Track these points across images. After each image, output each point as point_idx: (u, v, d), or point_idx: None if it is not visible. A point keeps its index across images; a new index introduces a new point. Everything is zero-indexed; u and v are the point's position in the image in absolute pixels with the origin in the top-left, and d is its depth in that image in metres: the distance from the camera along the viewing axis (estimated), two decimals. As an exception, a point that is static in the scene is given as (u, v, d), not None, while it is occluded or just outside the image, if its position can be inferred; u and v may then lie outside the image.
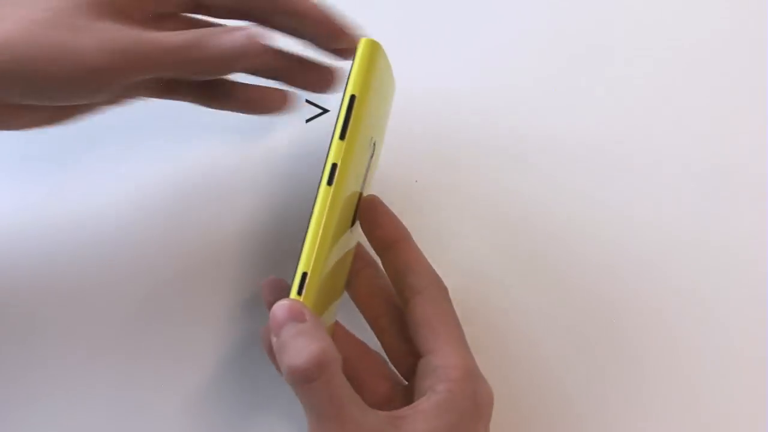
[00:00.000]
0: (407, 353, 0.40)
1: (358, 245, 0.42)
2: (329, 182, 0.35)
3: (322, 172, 0.36)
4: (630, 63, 0.54)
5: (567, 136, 0.52)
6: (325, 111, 0.47)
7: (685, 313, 0.48)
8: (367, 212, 0.39)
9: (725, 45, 0.54)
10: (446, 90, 0.52)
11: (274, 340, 0.34)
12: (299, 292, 0.35)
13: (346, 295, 0.44)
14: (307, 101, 0.47)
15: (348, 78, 0.36)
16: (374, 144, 0.41)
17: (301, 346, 0.33)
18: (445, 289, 0.39)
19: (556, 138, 0.52)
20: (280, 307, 0.34)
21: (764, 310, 0.48)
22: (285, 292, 0.37)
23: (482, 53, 0.53)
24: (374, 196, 0.40)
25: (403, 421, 0.35)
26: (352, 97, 0.36)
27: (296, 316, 0.34)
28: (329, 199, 0.35)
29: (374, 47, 0.37)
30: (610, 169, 0.51)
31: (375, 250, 0.40)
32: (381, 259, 0.40)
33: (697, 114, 0.53)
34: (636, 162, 0.51)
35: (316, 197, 0.36)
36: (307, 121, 0.46)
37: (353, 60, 0.36)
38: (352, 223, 0.40)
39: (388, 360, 0.42)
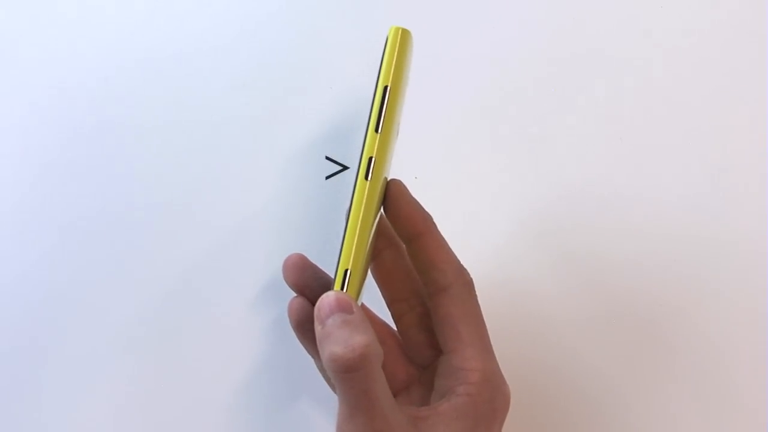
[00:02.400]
0: (424, 344, 0.41)
1: (383, 223, 0.41)
2: (366, 176, 0.35)
3: (359, 166, 0.35)
4: (629, 62, 0.53)
5: (567, 135, 0.52)
6: (345, 168, 0.46)
7: (703, 311, 0.49)
8: (391, 201, 0.39)
9: (726, 44, 0.54)
10: (446, 88, 0.52)
11: (318, 328, 0.34)
12: (342, 288, 0.35)
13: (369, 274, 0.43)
14: (327, 158, 0.46)
15: (380, 67, 0.36)
16: (399, 126, 0.41)
17: (346, 336, 0.33)
18: (470, 285, 0.39)
19: (556, 136, 0.52)
20: (328, 297, 0.35)
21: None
22: (308, 270, 0.40)
23: (482, 52, 0.53)
24: (399, 182, 0.39)
25: (423, 423, 0.36)
26: (386, 89, 0.35)
27: (344, 308, 0.34)
28: (366, 193, 0.35)
29: (405, 36, 0.36)
30: (609, 166, 0.51)
31: (400, 238, 0.40)
32: (406, 249, 0.40)
33: (698, 112, 0.53)
34: (636, 158, 0.51)
35: (353, 191, 0.35)
36: (327, 178, 0.45)
37: (384, 48, 0.36)
38: (381, 207, 0.40)
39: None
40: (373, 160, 0.35)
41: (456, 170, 0.50)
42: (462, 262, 0.39)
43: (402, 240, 0.39)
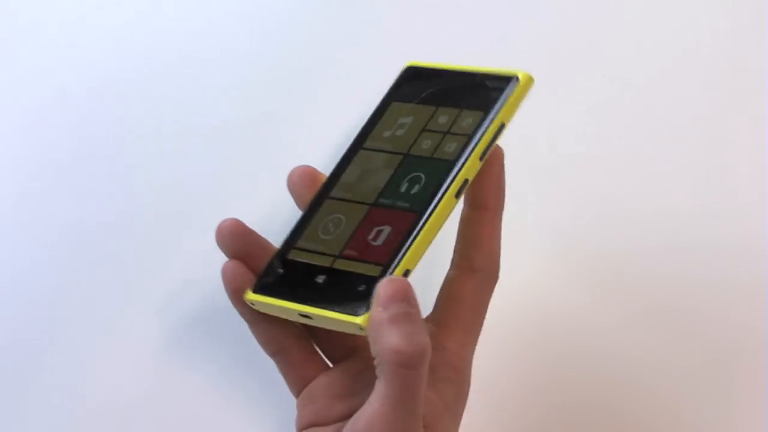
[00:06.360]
0: (340, 338, 0.40)
1: None
2: (457, 195, 0.37)
3: (449, 181, 0.37)
4: (629, 63, 0.53)
5: (567, 136, 0.52)
6: None
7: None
8: (488, 163, 0.38)
9: (725, 45, 0.53)
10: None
11: (378, 310, 0.34)
12: None
13: None
14: None
15: (499, 102, 0.38)
16: None
17: (410, 330, 0.33)
18: (495, 281, 0.39)
19: (556, 137, 0.52)
20: (395, 282, 0.34)
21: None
22: (248, 237, 0.39)
23: (482, 54, 0.53)
24: (502, 152, 0.39)
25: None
26: (503, 126, 0.38)
27: (409, 299, 0.34)
28: (450, 209, 0.37)
29: (531, 83, 0.39)
30: (608, 167, 0.51)
31: (468, 198, 0.40)
32: (465, 211, 0.39)
33: (698, 114, 0.53)
34: (635, 159, 0.52)
35: (436, 202, 0.37)
36: None
37: (510, 88, 0.38)
38: None
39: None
40: (468, 182, 0.37)
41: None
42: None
43: (467, 197, 0.39)
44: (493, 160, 0.39)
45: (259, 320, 0.39)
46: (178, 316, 0.47)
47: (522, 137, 0.51)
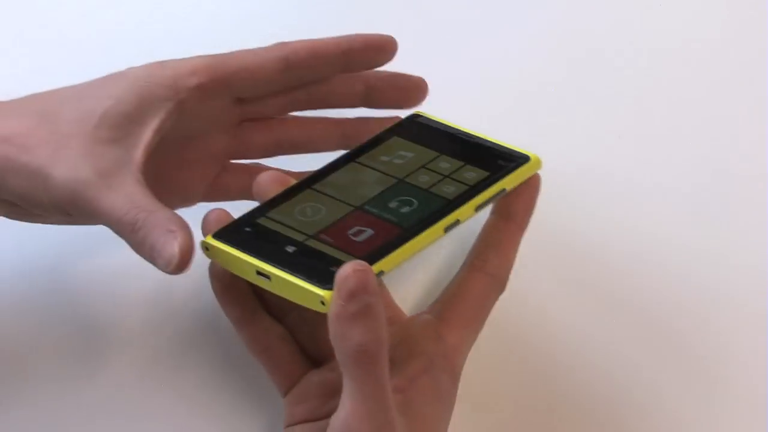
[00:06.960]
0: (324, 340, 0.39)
1: None
2: (446, 230, 0.38)
3: (442, 213, 0.38)
4: (628, 64, 0.53)
5: (566, 136, 0.52)
6: None
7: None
8: (527, 185, 0.41)
9: (725, 47, 0.54)
10: (446, 92, 0.52)
11: (340, 303, 0.33)
12: None
13: None
14: None
15: (506, 170, 0.41)
16: None
17: (373, 326, 0.33)
18: (502, 290, 0.41)
19: (555, 138, 0.52)
20: (358, 273, 0.33)
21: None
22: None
23: (482, 56, 0.53)
24: (539, 176, 0.41)
25: (400, 396, 0.36)
26: (503, 190, 0.40)
27: (369, 290, 0.33)
28: (434, 237, 0.38)
29: (539, 166, 0.41)
30: (608, 168, 0.51)
31: (500, 204, 0.41)
32: (492, 216, 0.41)
33: (698, 114, 0.53)
34: (635, 161, 0.51)
35: (425, 225, 0.38)
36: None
37: (520, 163, 0.41)
38: None
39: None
40: (459, 223, 0.39)
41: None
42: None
43: (498, 206, 0.41)
44: (533, 182, 0.41)
45: (244, 320, 0.40)
46: (160, 316, 0.47)
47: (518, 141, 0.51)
